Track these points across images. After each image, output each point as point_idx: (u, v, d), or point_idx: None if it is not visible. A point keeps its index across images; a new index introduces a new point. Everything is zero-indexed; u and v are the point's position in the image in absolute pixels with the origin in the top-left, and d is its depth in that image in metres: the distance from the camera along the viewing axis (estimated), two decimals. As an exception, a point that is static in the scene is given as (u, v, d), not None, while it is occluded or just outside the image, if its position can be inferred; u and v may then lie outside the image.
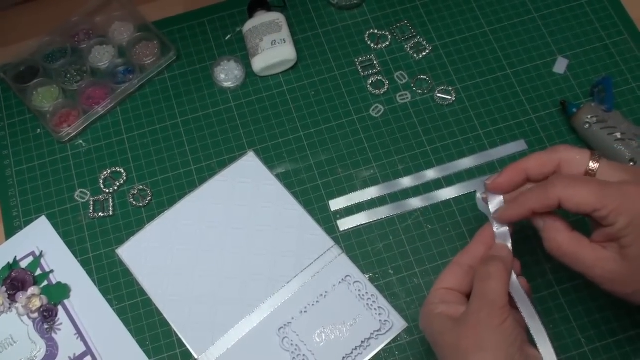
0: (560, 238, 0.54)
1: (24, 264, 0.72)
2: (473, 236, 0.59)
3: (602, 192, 0.51)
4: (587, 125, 0.73)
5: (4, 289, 0.70)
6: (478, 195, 0.59)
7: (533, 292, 0.67)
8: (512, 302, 0.54)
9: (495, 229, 0.57)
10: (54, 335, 0.69)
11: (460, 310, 0.53)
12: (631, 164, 0.71)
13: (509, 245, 0.56)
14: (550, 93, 0.79)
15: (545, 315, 0.68)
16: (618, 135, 0.72)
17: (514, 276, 0.56)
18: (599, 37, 0.82)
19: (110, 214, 0.74)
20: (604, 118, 0.73)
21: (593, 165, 0.54)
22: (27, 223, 0.74)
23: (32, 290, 0.70)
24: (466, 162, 0.76)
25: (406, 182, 0.75)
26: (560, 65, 0.81)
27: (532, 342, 0.53)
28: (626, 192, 0.51)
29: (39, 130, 0.79)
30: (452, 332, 0.52)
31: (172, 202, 0.75)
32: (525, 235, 0.69)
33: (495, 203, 0.57)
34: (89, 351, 0.68)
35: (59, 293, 0.71)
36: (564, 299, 0.68)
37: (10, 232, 0.74)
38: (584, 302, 0.68)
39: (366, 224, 0.73)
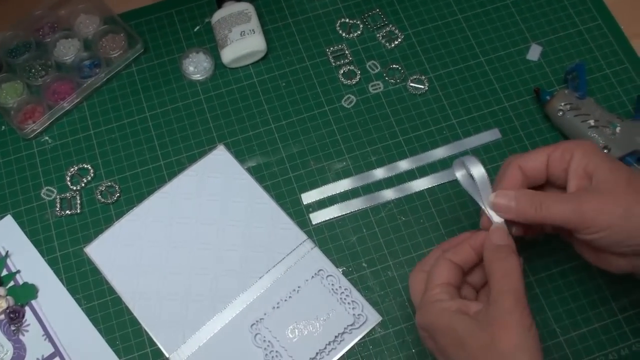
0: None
1: (-11, 265, 0.70)
2: (461, 234, 0.58)
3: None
4: (561, 113, 0.73)
5: (-32, 290, 0.68)
6: (458, 175, 0.57)
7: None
8: None
9: (488, 214, 0.56)
10: (21, 337, 0.67)
11: (471, 307, 0.52)
12: (605, 151, 0.70)
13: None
14: (524, 81, 0.79)
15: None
16: (591, 122, 0.71)
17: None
18: (572, 23, 0.82)
19: (78, 211, 0.73)
20: (577, 105, 0.73)
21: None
22: (-8, 222, 0.73)
23: (-2, 291, 0.68)
24: (439, 152, 0.75)
25: (379, 173, 0.74)
26: (534, 52, 0.80)
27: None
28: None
29: (3, 127, 0.78)
30: (482, 332, 0.50)
31: (141, 198, 0.73)
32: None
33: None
34: (57, 352, 0.67)
35: (25, 294, 0.69)
36: (539, 289, 0.68)
37: (-26, 232, 0.72)
38: (559, 291, 0.68)
39: (339, 216, 0.72)
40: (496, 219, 0.55)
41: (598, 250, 0.54)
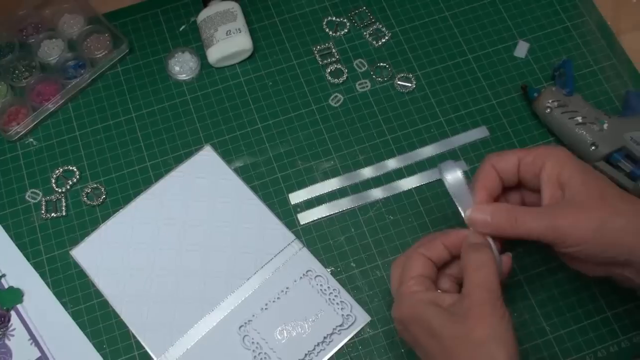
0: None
1: (-26, 269, 0.70)
2: (435, 233, 0.58)
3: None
4: (548, 110, 0.73)
5: (-47, 295, 0.68)
6: (449, 178, 0.58)
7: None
8: None
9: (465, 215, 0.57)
10: (7, 341, 0.67)
11: (446, 299, 0.53)
12: (593, 147, 0.70)
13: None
14: (512, 77, 0.78)
15: (509, 303, 0.67)
16: (579, 119, 0.71)
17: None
18: (559, 19, 0.82)
19: (64, 214, 0.72)
20: (565, 102, 0.72)
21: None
22: (-23, 226, 0.72)
23: (-17, 296, 0.68)
24: (428, 151, 0.75)
25: (367, 172, 0.74)
26: (521, 49, 0.80)
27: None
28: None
29: (-13, 129, 0.77)
30: (456, 324, 0.51)
31: (127, 200, 0.73)
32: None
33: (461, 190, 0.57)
34: (44, 357, 0.66)
35: (11, 298, 0.68)
36: (528, 287, 0.68)
37: (-41, 236, 0.72)
38: (548, 289, 0.68)
39: (327, 216, 0.72)
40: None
41: (575, 259, 0.55)
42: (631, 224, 0.52)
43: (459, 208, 0.57)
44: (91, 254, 0.70)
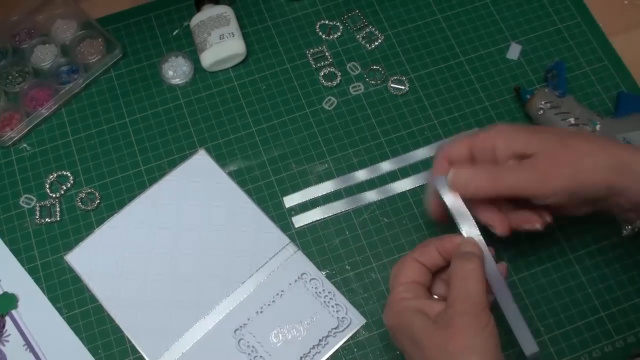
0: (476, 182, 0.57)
1: (-32, 275, 0.70)
2: (430, 238, 0.58)
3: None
4: (541, 112, 0.73)
5: (-53, 301, 0.68)
6: (442, 190, 0.58)
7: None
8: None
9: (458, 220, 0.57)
10: (1, 347, 0.67)
11: (435, 307, 0.53)
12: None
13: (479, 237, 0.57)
14: (504, 80, 0.79)
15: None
16: (572, 120, 0.72)
17: (492, 262, 0.56)
18: (551, 21, 0.82)
19: (58, 219, 0.72)
20: (557, 103, 0.73)
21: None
22: (-29, 232, 0.72)
23: (-23, 301, 0.68)
24: (421, 153, 0.75)
25: (361, 175, 0.74)
26: (514, 51, 0.80)
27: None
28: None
29: (-20, 135, 0.77)
30: (437, 333, 0.51)
31: (121, 204, 0.73)
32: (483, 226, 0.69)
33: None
34: (39, 362, 0.66)
35: (6, 303, 0.69)
36: (522, 287, 0.68)
37: (-47, 242, 0.72)
38: (542, 289, 0.68)
39: (322, 219, 0.72)
40: (474, 234, 0.56)
41: (559, 207, 0.57)
42: (600, 160, 0.54)
43: (459, 224, 0.57)
44: (86, 259, 0.71)
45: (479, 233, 0.57)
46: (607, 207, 0.57)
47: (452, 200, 0.57)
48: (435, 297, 0.57)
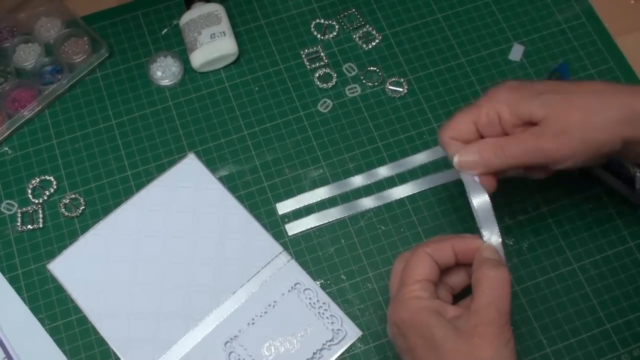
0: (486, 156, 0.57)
1: (-54, 285, 0.70)
2: (446, 235, 0.58)
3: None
4: (545, 115, 0.73)
5: None
6: (476, 201, 0.57)
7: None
8: None
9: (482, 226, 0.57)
10: (-19, 360, 0.67)
11: (449, 311, 0.53)
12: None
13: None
14: (507, 82, 0.79)
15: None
16: (576, 124, 0.72)
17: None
18: (555, 21, 0.83)
19: (40, 226, 0.72)
20: (561, 107, 0.73)
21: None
22: (-51, 239, 0.72)
23: (-44, 312, 0.68)
24: (420, 158, 0.75)
25: (357, 181, 0.74)
26: (516, 52, 0.81)
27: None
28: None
29: (-41, 137, 0.77)
30: (461, 340, 0.51)
31: (107, 211, 0.73)
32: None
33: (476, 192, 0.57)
34: (20, 376, 0.66)
35: (-15, 314, 0.69)
36: (525, 298, 0.69)
37: None
38: (545, 301, 0.69)
39: (316, 227, 0.72)
40: (494, 239, 0.56)
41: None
42: (610, 115, 0.54)
43: (481, 227, 0.57)
44: (69, 267, 0.71)
45: (500, 240, 0.56)
46: (622, 155, 0.57)
47: (480, 202, 0.57)
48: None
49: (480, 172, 0.57)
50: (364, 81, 0.79)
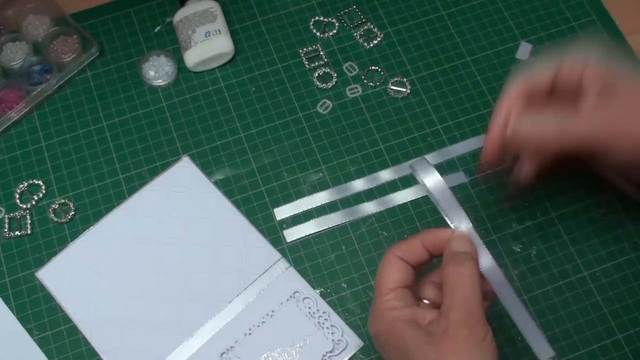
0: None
1: None
2: (415, 233, 0.57)
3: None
4: (553, 116, 0.73)
5: None
6: (428, 182, 0.56)
7: (499, 301, 0.67)
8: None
9: (451, 224, 0.55)
10: (-34, 372, 0.66)
11: (426, 316, 0.52)
12: (601, 157, 0.70)
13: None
14: (514, 82, 0.79)
15: (513, 326, 0.67)
16: (586, 126, 0.72)
17: (488, 255, 0.54)
18: (564, 18, 0.82)
19: (29, 232, 0.72)
20: (570, 108, 0.73)
21: None
22: None
23: (-60, 323, 0.67)
24: (424, 161, 0.75)
25: (359, 185, 0.74)
26: (524, 51, 0.80)
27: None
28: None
29: (-56, 140, 0.77)
30: (431, 347, 0.50)
31: (98, 216, 0.73)
32: (491, 240, 0.69)
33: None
34: (7, 389, 0.66)
35: (-29, 325, 0.68)
36: (533, 307, 0.68)
37: None
38: (554, 310, 0.68)
39: (316, 233, 0.72)
40: (463, 226, 0.54)
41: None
42: None
43: (446, 215, 0.55)
44: (59, 275, 0.70)
45: (471, 225, 0.54)
46: None
47: (435, 184, 0.55)
48: (426, 301, 0.56)
49: (534, 146, 0.55)
50: (365, 81, 0.79)
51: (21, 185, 0.74)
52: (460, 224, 0.54)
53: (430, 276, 0.57)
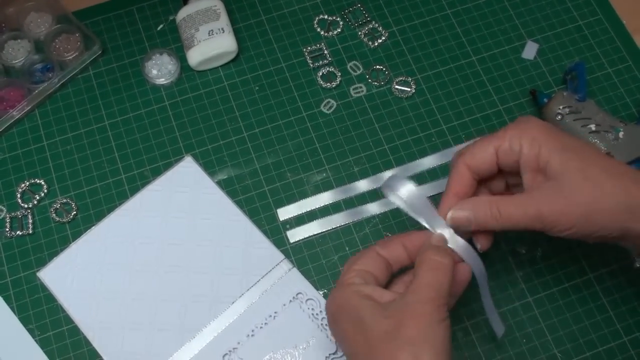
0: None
1: None
2: (396, 234, 0.60)
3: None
4: (559, 117, 0.74)
5: None
6: (404, 194, 0.58)
7: (504, 303, 0.68)
8: None
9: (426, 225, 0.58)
10: (-33, 373, 0.67)
11: (385, 295, 0.54)
12: (607, 158, 0.71)
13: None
14: (520, 82, 0.79)
15: (518, 328, 0.68)
16: (592, 127, 0.72)
17: (471, 251, 0.57)
18: (571, 17, 0.83)
19: (30, 232, 0.73)
20: (577, 108, 0.73)
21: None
22: None
23: (-59, 323, 0.68)
24: (428, 161, 0.75)
25: (363, 185, 0.74)
26: (530, 50, 0.81)
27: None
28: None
29: (-55, 139, 0.77)
30: (387, 318, 0.52)
31: (100, 216, 0.73)
32: (495, 242, 0.69)
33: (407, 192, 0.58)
34: (8, 389, 0.67)
35: (-28, 325, 0.69)
36: (538, 310, 0.69)
37: None
38: (560, 312, 0.69)
39: (319, 234, 0.72)
40: (439, 230, 0.58)
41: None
42: (620, 203, 0.55)
43: (423, 223, 0.58)
44: (60, 275, 0.71)
45: (452, 231, 0.57)
46: (618, 242, 0.58)
47: (411, 195, 0.58)
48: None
49: (474, 230, 0.58)
50: (369, 80, 0.79)
51: (23, 185, 0.75)
52: (443, 230, 0.58)
53: (403, 276, 0.59)
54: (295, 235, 0.72)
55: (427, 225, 0.58)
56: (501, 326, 0.63)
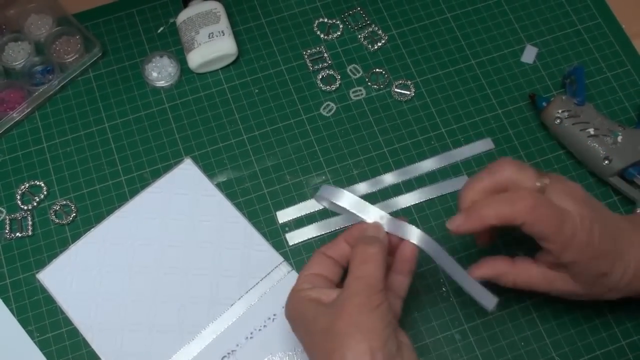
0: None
1: None
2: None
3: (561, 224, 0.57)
4: (558, 121, 0.74)
5: None
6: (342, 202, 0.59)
7: (502, 306, 0.69)
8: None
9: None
10: (-34, 374, 0.67)
11: (332, 295, 0.55)
12: (606, 162, 0.71)
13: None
14: (519, 85, 0.80)
15: (517, 331, 0.68)
16: (591, 131, 0.73)
17: (420, 233, 0.59)
18: (570, 22, 0.83)
19: (30, 233, 0.73)
20: (576, 112, 0.74)
21: (539, 184, 0.59)
22: None
23: (-59, 324, 0.68)
24: (428, 165, 0.76)
25: (362, 188, 0.75)
26: (529, 54, 0.81)
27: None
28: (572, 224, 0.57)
29: (-55, 140, 0.78)
30: (325, 316, 0.53)
31: (99, 218, 0.74)
32: (495, 246, 0.70)
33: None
34: (7, 391, 0.67)
35: (-29, 326, 0.69)
36: (536, 313, 0.69)
37: None
38: (558, 316, 0.69)
39: (318, 236, 0.73)
40: (372, 219, 0.59)
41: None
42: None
43: (361, 216, 0.59)
44: (60, 277, 0.71)
45: (385, 214, 0.59)
46: None
47: (344, 199, 0.59)
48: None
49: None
50: (369, 83, 0.80)
51: (22, 186, 0.75)
52: (376, 216, 0.59)
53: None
54: (294, 237, 0.73)
55: (362, 217, 0.59)
56: (490, 297, 0.60)
